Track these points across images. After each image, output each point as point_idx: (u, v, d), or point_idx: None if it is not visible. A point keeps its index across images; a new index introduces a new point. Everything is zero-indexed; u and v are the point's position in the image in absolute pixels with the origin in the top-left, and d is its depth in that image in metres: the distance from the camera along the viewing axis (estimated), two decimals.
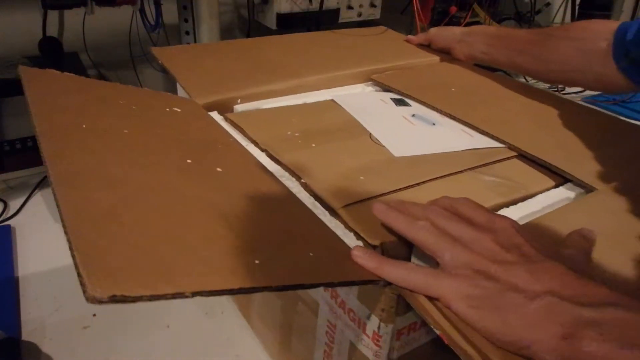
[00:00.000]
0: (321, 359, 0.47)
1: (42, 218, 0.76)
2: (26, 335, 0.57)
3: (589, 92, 1.23)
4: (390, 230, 0.40)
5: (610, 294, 0.29)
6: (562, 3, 1.38)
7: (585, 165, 0.53)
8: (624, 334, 0.27)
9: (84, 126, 0.44)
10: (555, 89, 1.23)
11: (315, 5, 1.13)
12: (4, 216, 0.75)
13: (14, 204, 0.78)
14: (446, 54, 0.86)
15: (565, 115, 0.64)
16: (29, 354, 0.54)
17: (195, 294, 0.28)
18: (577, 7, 1.35)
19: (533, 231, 0.40)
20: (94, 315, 0.60)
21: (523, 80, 1.18)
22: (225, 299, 0.64)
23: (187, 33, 1.08)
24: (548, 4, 1.45)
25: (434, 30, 0.89)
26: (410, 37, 0.91)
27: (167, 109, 0.54)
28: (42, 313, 0.60)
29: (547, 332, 0.29)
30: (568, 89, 1.23)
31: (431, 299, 0.34)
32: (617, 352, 0.26)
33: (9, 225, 0.73)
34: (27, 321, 0.58)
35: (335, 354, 0.44)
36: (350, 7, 1.20)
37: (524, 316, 0.30)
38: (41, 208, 0.78)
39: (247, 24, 1.21)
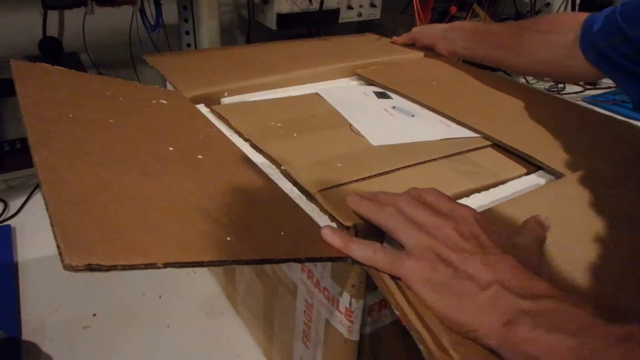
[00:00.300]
0: (300, 339, 0.48)
1: (42, 218, 0.73)
2: (26, 335, 0.57)
3: (588, 92, 1.23)
4: (362, 217, 0.41)
5: (548, 288, 0.33)
6: (562, 3, 1.39)
7: (556, 153, 0.54)
8: (552, 321, 0.30)
9: (71, 116, 0.45)
10: (555, 89, 1.24)
11: (315, 5, 1.14)
12: (4, 216, 0.75)
13: (14, 204, 0.78)
14: (431, 51, 0.87)
15: (542, 109, 0.65)
16: (29, 354, 0.54)
17: (166, 264, 0.30)
18: (577, 8, 1.35)
19: (493, 218, 0.42)
20: (94, 315, 0.60)
21: (523, 80, 1.19)
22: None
23: (187, 33, 1.09)
24: (548, 4, 1.45)
25: (417, 29, 0.90)
26: (395, 38, 0.93)
27: (154, 101, 0.56)
28: (42, 313, 0.60)
29: (491, 319, 0.32)
30: (568, 89, 1.24)
31: (394, 278, 0.36)
32: (544, 336, 0.29)
33: (9, 225, 0.73)
34: (27, 321, 0.58)
35: (313, 333, 0.46)
36: (350, 7, 1.21)
37: (474, 303, 0.33)
38: (41, 208, 0.76)
39: (247, 24, 1.22)
